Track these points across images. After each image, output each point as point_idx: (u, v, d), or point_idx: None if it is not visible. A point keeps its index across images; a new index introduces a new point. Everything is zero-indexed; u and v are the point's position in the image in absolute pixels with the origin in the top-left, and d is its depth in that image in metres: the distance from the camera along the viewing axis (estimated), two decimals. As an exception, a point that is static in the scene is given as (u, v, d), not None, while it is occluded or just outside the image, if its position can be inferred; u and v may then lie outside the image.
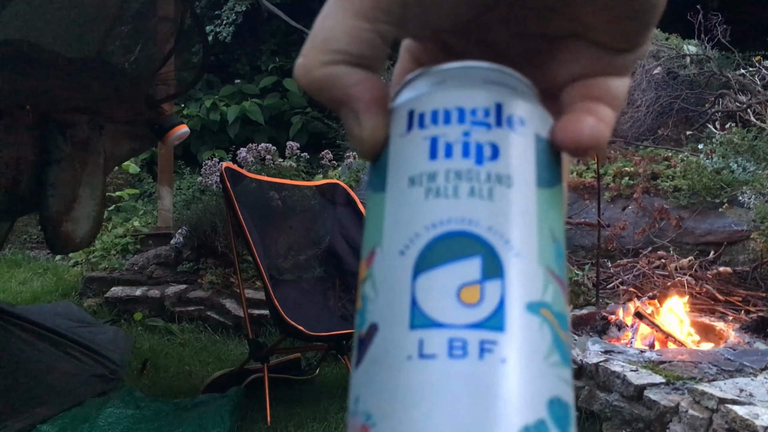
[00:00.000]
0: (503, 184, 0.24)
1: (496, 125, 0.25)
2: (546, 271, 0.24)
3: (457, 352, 0.21)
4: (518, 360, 0.22)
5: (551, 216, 0.25)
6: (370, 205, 0.26)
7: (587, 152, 0.26)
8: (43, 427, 2.34)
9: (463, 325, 0.22)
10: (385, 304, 0.23)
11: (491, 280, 0.22)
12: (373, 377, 0.22)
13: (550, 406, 0.22)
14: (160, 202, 4.66)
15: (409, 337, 0.22)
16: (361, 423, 0.22)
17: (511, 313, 0.22)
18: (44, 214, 2.40)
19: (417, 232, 0.23)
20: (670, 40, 5.51)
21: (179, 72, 2.64)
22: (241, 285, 2.92)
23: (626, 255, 3.76)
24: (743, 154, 3.81)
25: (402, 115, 0.26)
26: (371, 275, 0.24)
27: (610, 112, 0.27)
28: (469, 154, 0.24)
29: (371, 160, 0.27)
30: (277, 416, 2.53)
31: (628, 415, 2.24)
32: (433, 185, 0.24)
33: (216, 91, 7.37)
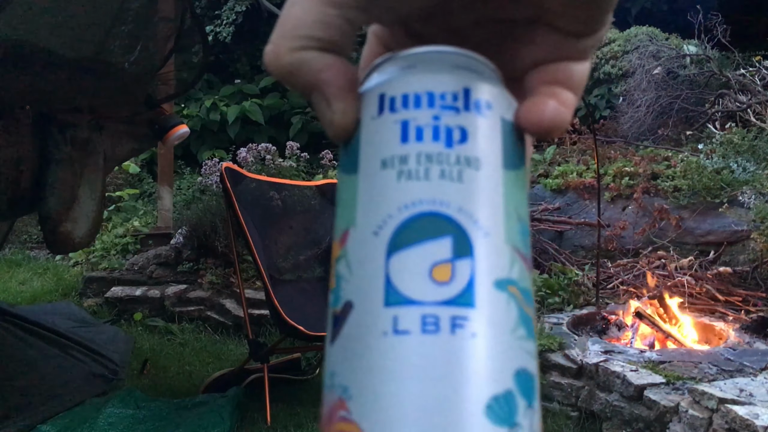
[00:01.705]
0: (472, 167, 0.25)
1: (465, 109, 0.26)
2: (512, 249, 0.25)
3: (430, 328, 0.22)
4: (487, 334, 0.23)
5: (516, 197, 0.26)
6: (342, 187, 0.27)
7: (549, 134, 0.27)
8: (43, 427, 2.34)
9: (435, 302, 0.23)
10: (359, 282, 0.24)
11: (462, 258, 0.23)
12: (349, 353, 0.23)
13: (517, 377, 0.23)
14: (160, 202, 4.66)
15: (383, 314, 0.23)
16: (338, 396, 0.23)
17: (481, 290, 0.23)
18: (44, 214, 2.40)
19: (390, 213, 0.24)
20: (670, 40, 5.51)
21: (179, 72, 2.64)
22: (241, 285, 2.92)
23: (626, 255, 3.76)
24: (743, 154, 3.81)
25: (373, 98, 0.26)
26: (345, 255, 0.25)
27: (571, 96, 0.27)
28: (439, 138, 0.25)
29: (342, 142, 0.27)
30: (277, 416, 2.52)
31: (628, 415, 2.24)
32: (404, 168, 0.25)
33: (216, 91, 7.37)
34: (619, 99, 5.51)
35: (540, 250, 3.90)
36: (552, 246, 3.90)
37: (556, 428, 2.37)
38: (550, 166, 4.74)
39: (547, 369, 2.55)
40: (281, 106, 7.24)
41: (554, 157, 4.96)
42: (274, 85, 7.34)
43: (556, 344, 2.59)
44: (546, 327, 2.79)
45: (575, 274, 3.41)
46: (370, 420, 0.22)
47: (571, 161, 4.75)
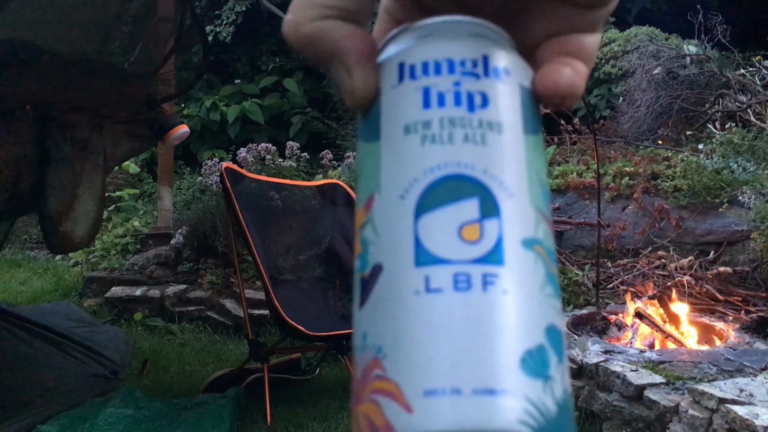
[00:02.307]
0: (494, 131, 0.25)
1: (485, 75, 0.26)
2: (536, 211, 0.25)
3: (462, 286, 0.23)
4: (518, 291, 0.23)
5: (537, 161, 0.27)
6: (363, 155, 0.27)
7: (564, 101, 0.27)
8: (43, 427, 2.34)
9: (466, 260, 0.23)
10: (388, 245, 0.24)
11: (489, 218, 0.24)
12: (381, 313, 0.24)
13: (548, 332, 0.23)
14: (160, 202, 4.66)
15: (415, 273, 0.23)
16: (372, 356, 0.23)
17: (509, 249, 0.24)
18: (44, 214, 2.40)
19: (416, 177, 0.25)
20: (670, 40, 5.51)
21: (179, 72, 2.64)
22: (241, 285, 2.92)
23: (626, 255, 3.76)
24: (743, 154, 3.81)
25: (392, 67, 0.27)
26: (371, 220, 0.25)
27: (583, 67, 0.28)
28: (461, 103, 0.25)
29: (362, 111, 0.28)
30: (277, 416, 2.52)
31: (628, 415, 2.24)
32: (428, 132, 0.25)
33: (216, 91, 7.37)
34: (619, 99, 5.51)
35: (540, 250, 3.89)
36: (552, 246, 3.90)
37: (556, 428, 2.37)
38: (550, 166, 4.74)
39: (547, 369, 2.55)
40: (281, 106, 7.24)
41: (554, 157, 4.96)
42: (274, 85, 7.34)
43: (556, 344, 2.58)
44: (546, 327, 2.79)
45: (575, 274, 3.41)
46: (407, 376, 0.22)
47: (571, 161, 4.75)
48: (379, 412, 0.22)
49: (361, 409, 0.23)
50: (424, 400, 0.22)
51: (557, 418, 0.22)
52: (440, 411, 0.22)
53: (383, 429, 0.22)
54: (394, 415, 0.22)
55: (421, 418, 0.22)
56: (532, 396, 0.22)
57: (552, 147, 5.14)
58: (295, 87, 7.21)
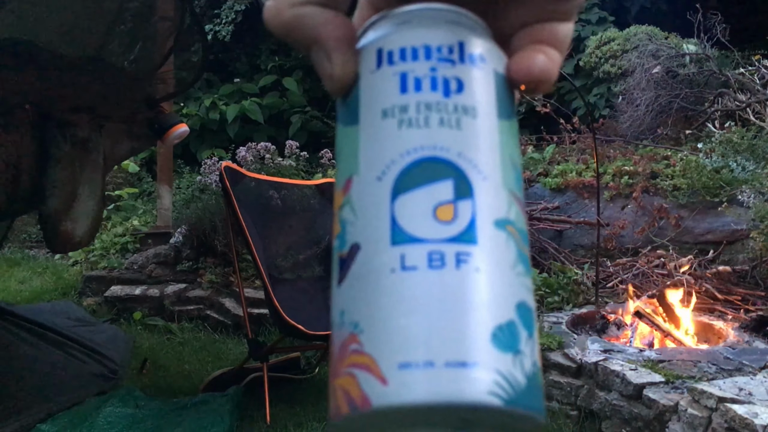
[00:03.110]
0: (469, 115, 0.26)
1: (460, 61, 0.27)
2: (509, 193, 0.26)
3: (436, 264, 0.24)
4: (490, 269, 0.24)
5: (510, 145, 0.28)
6: (342, 139, 0.28)
7: (538, 86, 0.28)
8: (43, 426, 2.34)
9: (440, 239, 0.24)
10: (365, 225, 0.25)
11: (463, 199, 0.25)
12: (358, 291, 0.25)
13: (518, 309, 0.25)
14: (159, 201, 4.66)
15: (391, 252, 0.24)
16: (349, 332, 0.24)
17: (482, 229, 0.25)
18: (43, 213, 2.40)
19: (393, 159, 0.26)
20: (670, 39, 5.51)
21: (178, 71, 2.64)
22: (241, 284, 2.92)
23: (625, 254, 3.76)
24: (742, 153, 3.81)
25: (371, 53, 0.28)
26: (349, 201, 0.26)
27: (557, 54, 0.29)
28: (437, 88, 0.26)
29: (341, 96, 0.28)
30: (277, 416, 2.53)
31: (628, 414, 2.24)
32: (405, 116, 0.26)
33: (215, 90, 7.36)
34: (619, 98, 5.51)
35: (539, 249, 3.90)
36: (551, 245, 3.90)
37: (556, 427, 2.37)
38: (549, 165, 4.74)
39: (547, 368, 2.55)
40: (281, 105, 7.24)
41: (553, 156, 4.96)
42: (273, 84, 7.33)
43: (555, 343, 2.59)
44: (545, 326, 2.80)
45: (575, 273, 3.41)
46: (383, 350, 0.23)
47: (571, 160, 4.75)
48: (355, 385, 0.23)
49: (338, 382, 0.24)
50: (399, 372, 0.23)
51: (526, 390, 0.24)
52: (414, 383, 0.22)
53: (359, 400, 0.23)
54: (370, 387, 0.23)
55: (396, 389, 0.23)
56: (503, 369, 0.23)
57: (551, 146, 5.14)
58: (295, 86, 7.20)
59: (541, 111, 5.53)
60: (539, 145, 5.42)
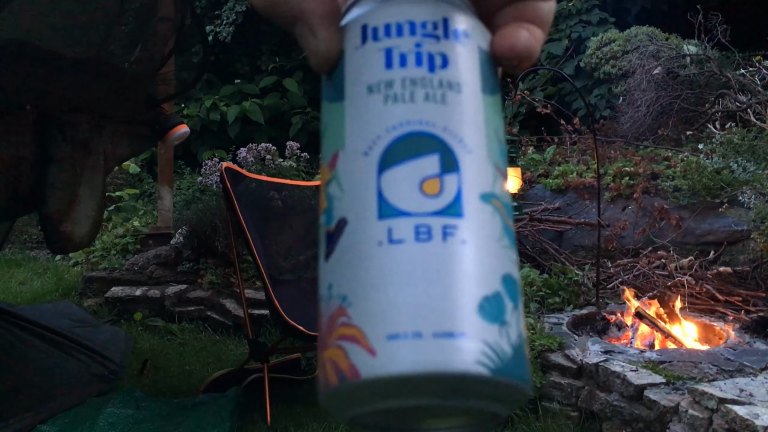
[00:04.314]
0: (454, 90, 0.27)
1: (444, 37, 0.27)
2: (494, 167, 0.27)
3: (423, 237, 0.24)
4: (476, 242, 0.25)
5: (495, 120, 0.28)
6: (328, 115, 0.28)
7: (521, 62, 0.28)
8: (43, 427, 2.34)
9: (426, 212, 0.25)
10: (352, 199, 0.26)
11: (449, 173, 0.25)
12: (346, 264, 0.25)
13: (504, 280, 0.25)
14: (160, 202, 4.66)
15: (378, 226, 0.25)
16: (338, 305, 0.25)
17: (468, 202, 0.25)
18: (44, 214, 2.40)
19: (378, 135, 0.26)
20: (670, 40, 5.51)
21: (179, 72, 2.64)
22: (241, 285, 2.92)
23: (626, 255, 3.76)
24: (743, 154, 3.80)
25: (355, 29, 0.28)
26: (336, 176, 0.27)
27: (539, 32, 0.29)
28: (422, 63, 0.27)
29: (326, 72, 0.28)
30: (277, 416, 2.52)
31: (628, 415, 2.24)
32: (390, 92, 0.26)
33: (216, 91, 7.36)
34: (619, 99, 5.51)
35: (540, 250, 3.90)
36: (552, 246, 3.90)
37: (556, 428, 2.37)
38: (550, 166, 4.74)
39: (547, 369, 2.55)
40: (281, 106, 7.24)
41: (554, 157, 4.96)
42: (274, 85, 7.34)
43: (556, 344, 2.59)
44: (546, 327, 2.79)
45: (575, 274, 3.41)
46: (371, 322, 0.23)
47: (571, 161, 4.75)
48: (344, 356, 0.24)
49: (327, 354, 0.25)
50: (387, 343, 0.23)
51: (512, 360, 0.24)
52: (402, 353, 0.23)
53: (348, 371, 0.23)
54: (359, 358, 0.23)
55: (384, 360, 0.23)
56: (489, 339, 0.23)
57: (552, 147, 5.14)
58: (295, 87, 7.20)
59: (541, 112, 5.53)
60: (540, 146, 5.42)
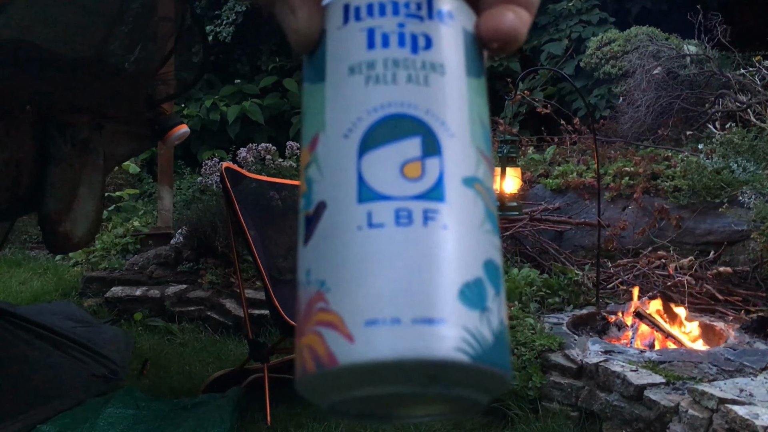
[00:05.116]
0: (437, 72, 0.26)
1: (428, 17, 0.27)
2: (477, 150, 0.26)
3: (403, 221, 0.24)
4: (458, 226, 0.24)
5: (479, 103, 0.27)
6: (308, 96, 0.28)
7: (507, 44, 0.28)
8: (43, 427, 2.34)
9: (407, 196, 0.24)
10: (332, 182, 0.25)
11: (431, 157, 0.25)
12: (324, 249, 0.24)
13: (486, 266, 0.25)
14: (160, 202, 4.66)
15: (357, 210, 0.24)
16: (315, 290, 0.24)
17: (450, 186, 0.25)
18: (43, 214, 2.40)
19: (359, 116, 0.25)
20: (670, 40, 5.51)
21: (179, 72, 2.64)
22: (241, 285, 2.92)
23: (626, 255, 3.75)
24: (743, 154, 3.80)
25: (337, 8, 0.27)
26: (316, 159, 0.26)
27: (526, 14, 0.28)
28: (404, 44, 0.26)
29: (307, 52, 0.28)
30: (277, 416, 2.52)
31: (628, 415, 2.24)
32: (372, 73, 0.26)
33: (216, 91, 7.36)
34: (619, 99, 5.51)
35: (540, 250, 3.90)
36: (552, 246, 3.90)
37: (556, 428, 2.37)
38: (550, 166, 4.74)
39: (547, 369, 2.55)
40: (281, 106, 7.24)
41: (554, 157, 4.95)
42: (274, 85, 7.34)
43: (556, 344, 2.59)
44: (546, 327, 2.79)
45: (575, 274, 3.41)
46: (349, 308, 0.23)
47: (571, 161, 4.74)
48: (321, 343, 0.23)
49: (304, 341, 0.24)
50: (366, 329, 0.23)
51: (493, 346, 0.24)
52: (381, 340, 0.22)
53: (325, 358, 0.23)
54: (336, 345, 0.23)
55: (362, 347, 0.22)
56: (470, 325, 0.23)
57: (552, 147, 5.14)
58: (296, 87, 7.20)
59: (541, 112, 5.53)
60: (540, 146, 5.42)
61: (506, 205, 2.87)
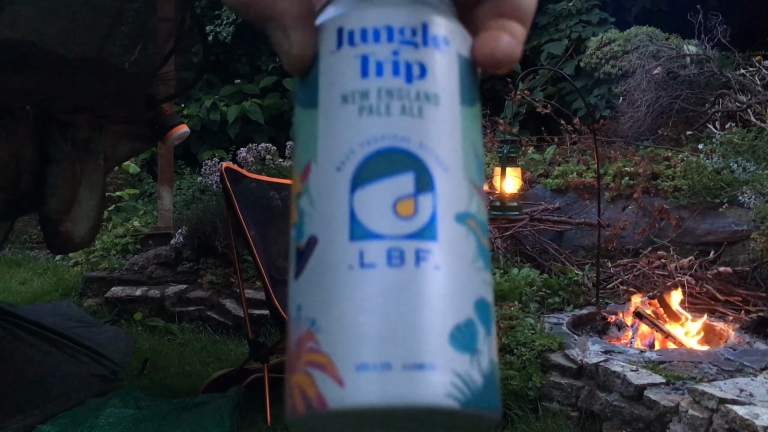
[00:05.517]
0: (431, 103, 0.26)
1: (423, 44, 0.26)
2: (470, 184, 0.26)
3: (395, 261, 0.23)
4: (450, 266, 0.24)
5: (473, 132, 0.27)
6: (301, 121, 0.27)
7: (502, 67, 0.27)
8: (43, 427, 2.34)
9: (400, 236, 0.24)
10: (323, 217, 0.25)
11: (424, 193, 0.24)
12: (316, 286, 0.24)
13: (477, 306, 0.24)
14: (160, 202, 4.66)
15: (349, 248, 0.24)
16: (306, 328, 0.24)
17: (443, 224, 0.24)
18: (44, 214, 2.40)
19: (352, 149, 0.25)
20: (670, 40, 5.51)
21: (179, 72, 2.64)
22: (241, 285, 2.92)
23: (626, 255, 3.75)
24: (743, 154, 3.80)
25: (331, 32, 0.27)
26: (308, 189, 0.26)
27: (520, 28, 0.28)
28: (399, 73, 0.26)
29: (299, 75, 0.27)
30: (277, 416, 2.52)
31: (628, 415, 2.24)
32: (365, 103, 0.25)
33: (216, 91, 7.36)
34: (619, 99, 5.51)
35: (540, 250, 3.90)
36: (552, 246, 3.90)
37: (556, 428, 2.37)
38: (550, 166, 4.74)
39: (547, 369, 2.55)
40: (281, 106, 7.24)
41: (554, 157, 4.95)
42: (274, 85, 7.34)
43: (556, 344, 2.59)
44: (546, 327, 2.79)
45: (575, 274, 3.41)
46: (340, 350, 0.23)
47: (571, 161, 4.74)
48: (312, 384, 0.23)
49: (295, 380, 0.24)
50: (356, 374, 0.22)
51: (483, 390, 0.24)
52: (371, 385, 0.22)
53: (315, 401, 0.23)
54: (327, 388, 0.23)
55: (353, 392, 0.22)
56: (460, 370, 0.23)
57: (552, 147, 5.14)
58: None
59: (541, 112, 5.53)
60: (540, 146, 5.42)
61: (506, 205, 2.87)
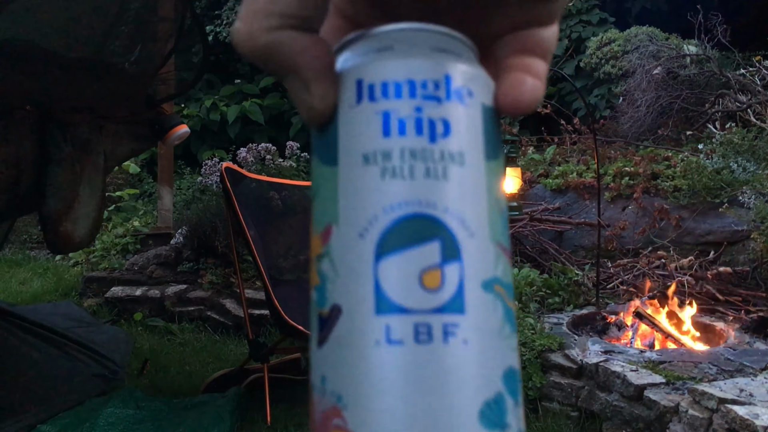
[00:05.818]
0: (456, 162, 0.25)
1: (446, 99, 0.25)
2: (496, 245, 0.25)
3: (423, 337, 0.23)
4: (478, 339, 0.23)
5: (497, 187, 0.26)
6: (320, 178, 0.26)
7: (526, 113, 0.27)
8: (43, 427, 2.34)
9: (427, 310, 0.23)
10: (347, 286, 0.24)
11: (450, 263, 0.23)
12: (341, 359, 0.23)
13: (505, 377, 0.24)
14: (160, 202, 4.66)
15: (375, 322, 0.23)
16: (332, 404, 0.23)
17: (470, 295, 0.23)
18: (44, 214, 2.40)
19: (375, 215, 0.24)
20: (670, 40, 5.51)
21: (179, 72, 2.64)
22: (241, 285, 2.92)
23: (626, 255, 3.76)
24: (743, 154, 3.80)
25: (350, 83, 0.26)
26: (329, 253, 0.25)
27: (542, 65, 0.27)
28: (422, 132, 0.25)
29: (318, 128, 0.27)
30: (277, 416, 2.52)
31: (628, 415, 2.24)
32: (388, 165, 0.24)
33: (216, 91, 7.36)
34: (619, 99, 5.51)
35: (540, 250, 3.90)
36: (552, 246, 3.90)
37: (556, 428, 2.37)
38: (550, 166, 4.74)
39: (547, 369, 2.55)
40: (281, 106, 7.24)
41: (554, 157, 4.96)
42: (274, 85, 7.34)
43: (556, 344, 2.59)
44: (546, 327, 2.79)
45: (575, 274, 3.41)
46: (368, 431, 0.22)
47: (571, 161, 4.75)
48: None
49: None
50: None
51: None
52: None
53: None
54: None
55: None
56: None
57: (552, 147, 5.14)
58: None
59: (541, 112, 5.53)
60: (540, 146, 5.42)
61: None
